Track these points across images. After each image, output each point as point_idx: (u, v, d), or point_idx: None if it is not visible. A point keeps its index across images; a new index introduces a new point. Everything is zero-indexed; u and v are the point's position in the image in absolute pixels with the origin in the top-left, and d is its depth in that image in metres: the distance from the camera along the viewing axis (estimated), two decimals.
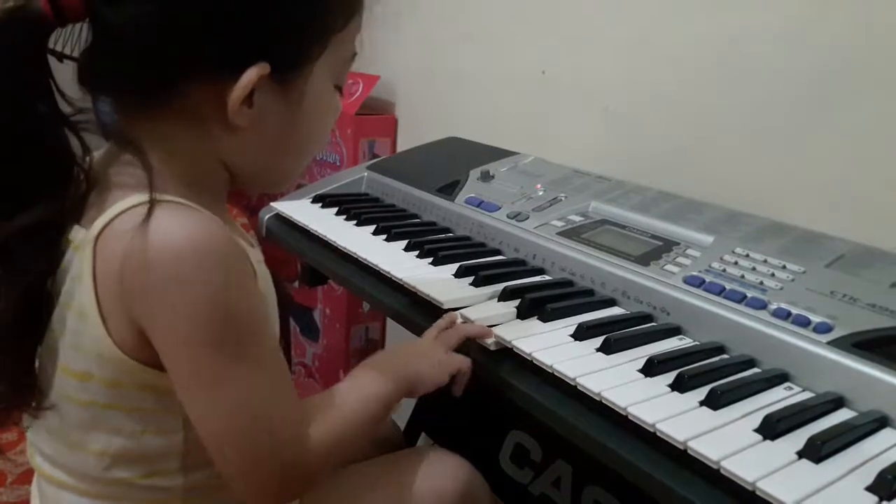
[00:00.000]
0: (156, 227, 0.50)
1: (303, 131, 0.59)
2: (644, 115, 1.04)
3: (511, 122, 1.26)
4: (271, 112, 0.56)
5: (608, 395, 0.54)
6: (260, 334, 0.54)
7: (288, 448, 0.55)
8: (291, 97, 0.56)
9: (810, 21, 0.84)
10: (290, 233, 1.00)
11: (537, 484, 1.05)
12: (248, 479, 0.55)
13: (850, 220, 0.79)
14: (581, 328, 0.65)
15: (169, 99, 0.53)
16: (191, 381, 0.52)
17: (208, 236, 0.51)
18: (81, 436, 0.56)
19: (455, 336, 0.69)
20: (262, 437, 0.53)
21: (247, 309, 0.53)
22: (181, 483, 0.58)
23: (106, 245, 0.51)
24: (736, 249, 0.74)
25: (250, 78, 0.52)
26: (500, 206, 0.93)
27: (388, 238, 0.91)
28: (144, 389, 0.54)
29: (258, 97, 0.54)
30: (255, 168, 0.60)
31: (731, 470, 0.46)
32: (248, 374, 0.53)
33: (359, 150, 1.50)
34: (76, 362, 0.54)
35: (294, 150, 0.61)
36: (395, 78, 1.53)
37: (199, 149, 0.56)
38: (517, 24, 1.24)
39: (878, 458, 0.49)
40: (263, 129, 0.56)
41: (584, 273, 0.77)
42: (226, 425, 0.53)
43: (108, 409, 0.55)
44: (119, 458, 0.56)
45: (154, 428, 0.56)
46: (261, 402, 0.53)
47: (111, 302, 0.51)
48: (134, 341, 0.52)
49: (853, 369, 0.56)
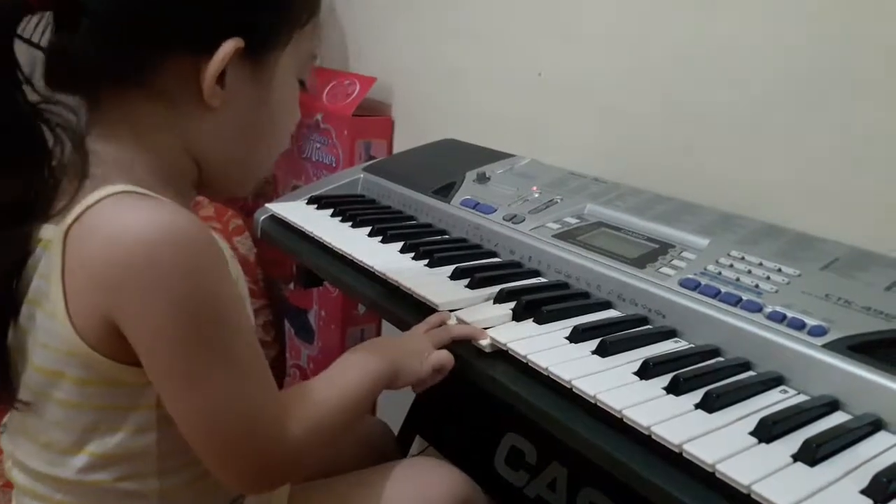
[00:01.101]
0: (124, 220, 0.50)
1: (270, 119, 0.60)
2: (640, 118, 1.04)
3: (507, 124, 1.26)
4: (241, 94, 0.56)
5: (603, 397, 0.54)
6: (236, 321, 0.54)
7: (268, 436, 0.55)
8: (261, 81, 0.57)
9: (807, 22, 0.84)
10: (286, 234, 1.00)
11: (532, 486, 1.05)
12: (230, 469, 0.55)
13: (845, 224, 0.79)
14: (576, 331, 0.65)
15: (143, 81, 0.53)
16: (169, 374, 0.52)
17: (177, 225, 0.50)
18: (55, 436, 0.56)
19: (445, 336, 0.68)
20: (242, 426, 0.53)
21: (222, 295, 0.52)
22: (157, 487, 0.57)
23: (75, 240, 0.51)
24: (731, 252, 0.74)
25: (227, 51, 0.53)
26: (496, 208, 0.93)
27: (383, 240, 0.91)
28: (114, 385, 0.54)
29: (230, 77, 0.55)
30: (221, 159, 0.60)
31: (726, 473, 0.46)
32: (225, 364, 0.52)
33: (355, 151, 1.50)
34: (47, 361, 0.54)
35: (259, 141, 0.61)
36: (392, 79, 1.53)
37: (168, 137, 0.56)
38: (514, 26, 1.24)
39: (873, 461, 0.49)
40: (233, 112, 0.57)
41: (579, 275, 0.77)
42: (205, 416, 0.52)
43: (81, 407, 0.54)
44: (94, 460, 0.55)
45: (127, 426, 0.55)
46: (240, 392, 0.53)
47: (79, 298, 0.51)
48: (103, 337, 0.51)
49: (848, 372, 0.56)
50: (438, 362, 0.67)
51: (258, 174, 0.64)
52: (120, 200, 0.51)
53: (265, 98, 0.58)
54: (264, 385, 0.55)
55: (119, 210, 0.50)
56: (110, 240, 0.49)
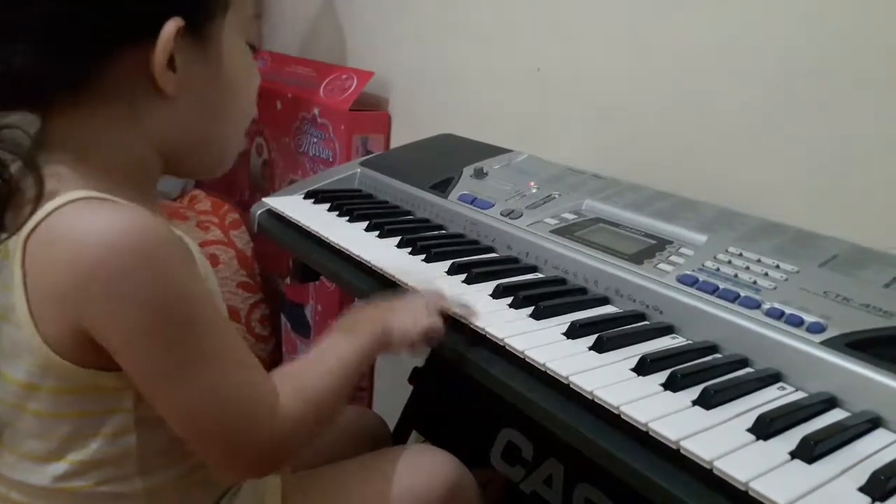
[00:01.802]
0: (85, 227, 0.49)
1: (229, 92, 0.59)
2: (639, 114, 1.03)
3: (505, 120, 1.26)
4: (194, 74, 0.55)
5: (600, 393, 0.54)
6: (208, 315, 0.53)
7: (262, 422, 0.54)
8: (210, 54, 0.56)
9: (807, 20, 0.83)
10: (282, 228, 0.99)
11: (529, 482, 1.05)
12: (226, 459, 0.54)
13: (844, 220, 0.79)
14: (574, 326, 0.65)
15: (90, 84, 0.52)
16: (152, 375, 0.51)
17: (139, 227, 0.50)
18: (34, 446, 0.55)
19: (445, 303, 0.67)
20: (235, 415, 0.53)
21: (190, 291, 0.52)
22: (142, 487, 0.56)
23: (35, 249, 0.50)
24: (729, 248, 0.74)
25: (169, 33, 0.52)
26: (494, 203, 0.92)
27: (380, 235, 0.91)
28: (88, 392, 0.53)
29: (179, 60, 0.54)
30: (190, 143, 0.59)
31: (723, 470, 0.46)
32: (204, 358, 0.52)
33: (352, 146, 1.49)
34: (18, 372, 0.53)
35: (225, 115, 0.60)
36: (389, 74, 1.53)
37: (128, 137, 0.55)
38: (512, 21, 1.24)
39: (871, 459, 0.49)
40: (191, 95, 0.56)
41: (577, 271, 0.77)
42: (196, 412, 0.52)
43: (58, 417, 0.54)
44: (73, 467, 0.54)
45: (105, 431, 0.54)
46: (227, 381, 0.53)
47: (45, 307, 0.50)
48: (74, 345, 0.50)
49: (846, 369, 0.55)
50: (430, 328, 0.65)
51: (231, 149, 0.63)
52: (79, 207, 0.50)
53: (218, 71, 0.57)
54: (247, 372, 0.55)
55: (79, 217, 0.49)
56: (72, 248, 0.48)
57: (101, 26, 0.51)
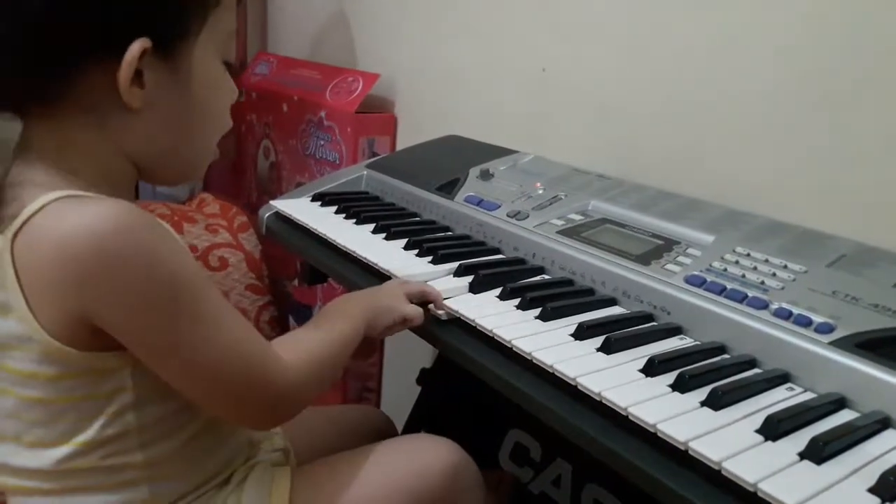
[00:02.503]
0: (72, 221, 0.51)
1: (198, 109, 0.61)
2: (644, 114, 1.03)
3: (511, 120, 1.26)
4: (162, 90, 0.57)
5: (608, 394, 0.54)
6: (206, 287, 0.56)
7: (274, 378, 0.58)
8: (179, 73, 0.58)
9: (809, 20, 0.83)
10: (290, 231, 1.00)
11: (537, 483, 1.05)
12: (244, 414, 0.60)
13: (852, 220, 0.78)
14: (581, 328, 0.65)
15: (62, 93, 0.54)
16: (161, 351, 0.54)
17: (121, 214, 0.52)
18: (38, 434, 0.56)
19: (416, 288, 0.73)
20: (243, 372, 0.56)
21: (180, 264, 0.55)
22: (142, 459, 0.58)
23: (24, 248, 0.52)
24: (737, 249, 0.73)
25: (133, 53, 0.53)
26: (500, 204, 0.93)
27: (387, 237, 0.91)
28: (89, 375, 0.55)
29: (148, 76, 0.55)
30: (158, 154, 0.61)
31: (732, 471, 0.46)
32: (211, 325, 0.55)
33: (358, 148, 1.49)
34: (18, 363, 0.54)
35: (193, 130, 0.62)
36: (395, 76, 1.53)
37: (100, 144, 0.57)
38: (517, 22, 1.24)
39: (880, 460, 0.49)
40: (158, 109, 0.58)
41: (584, 272, 0.77)
42: (206, 377, 0.55)
43: (58, 402, 0.55)
44: (77, 449, 0.56)
45: (107, 411, 0.56)
46: (235, 346, 0.56)
47: (43, 301, 0.52)
48: (73, 332, 0.53)
49: (855, 370, 0.55)
50: (409, 314, 0.71)
51: (200, 160, 0.65)
52: (63, 204, 0.52)
53: (187, 88, 0.59)
54: (246, 331, 0.58)
55: (65, 213, 0.52)
56: (62, 241, 0.50)
57: (71, 41, 0.53)
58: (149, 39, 0.54)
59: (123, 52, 0.53)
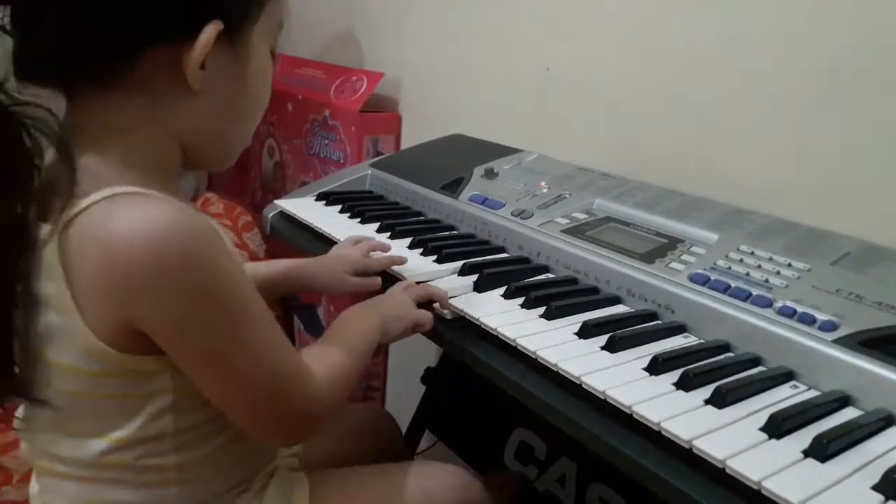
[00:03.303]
0: (122, 223, 0.50)
1: (250, 94, 0.60)
2: (649, 112, 1.03)
3: (515, 119, 1.26)
4: (221, 75, 0.56)
5: (613, 393, 0.54)
6: (251, 299, 0.55)
7: (304, 393, 0.58)
8: (239, 58, 0.58)
9: (815, 19, 0.83)
10: (295, 230, 1.00)
11: (542, 481, 1.05)
12: (275, 431, 0.60)
13: (855, 218, 0.78)
14: (585, 326, 0.65)
15: (121, 75, 0.53)
16: (200, 361, 0.54)
17: (179, 220, 0.51)
18: (76, 427, 0.57)
19: (423, 292, 0.74)
20: (279, 390, 0.56)
21: (229, 274, 0.54)
22: (175, 461, 0.59)
23: (72, 244, 0.51)
24: (741, 247, 0.73)
25: (209, 35, 0.53)
26: (504, 203, 0.93)
27: (391, 236, 0.91)
28: (130, 377, 0.55)
29: (211, 59, 0.54)
30: (207, 137, 0.60)
31: (736, 469, 0.46)
32: (249, 337, 0.54)
33: (363, 147, 1.50)
34: (61, 356, 0.54)
35: (242, 114, 0.62)
36: (399, 75, 1.53)
37: (152, 127, 0.56)
38: (521, 21, 1.24)
39: (884, 457, 0.49)
40: (213, 94, 0.57)
41: (588, 271, 0.77)
42: (244, 390, 0.55)
43: (99, 398, 0.55)
44: (115, 444, 0.57)
45: (145, 412, 0.56)
46: (271, 361, 0.56)
47: (89, 298, 0.51)
48: (117, 333, 0.52)
49: (859, 368, 0.55)
50: (420, 319, 0.72)
51: (239, 146, 0.65)
52: (116, 203, 0.51)
53: (243, 73, 0.59)
54: (285, 346, 0.58)
55: (114, 213, 0.50)
56: (114, 244, 0.49)
57: (139, 22, 0.52)
58: (221, 23, 0.53)
59: (193, 34, 0.52)
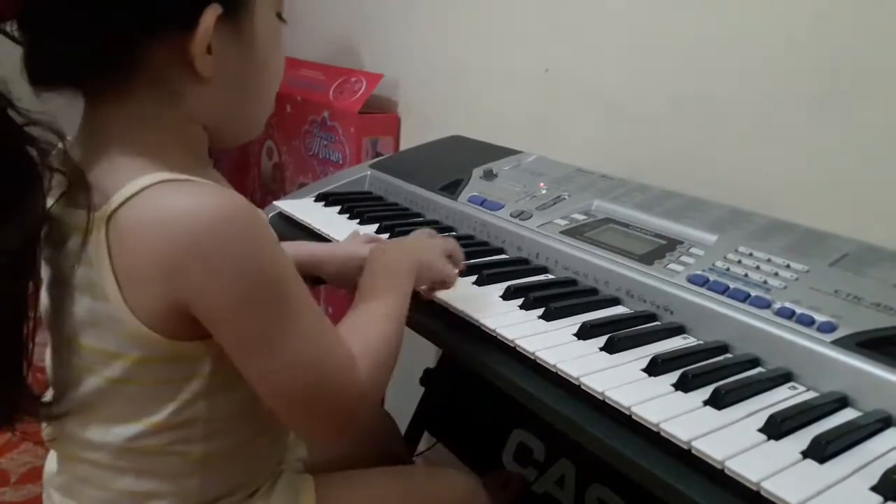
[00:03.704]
0: (175, 207, 0.51)
1: (262, 66, 0.60)
2: (647, 114, 1.04)
3: (514, 121, 1.26)
4: (229, 53, 0.56)
5: (612, 394, 0.54)
6: (296, 285, 0.55)
7: (347, 384, 0.57)
8: (244, 35, 0.58)
9: (816, 18, 0.83)
10: (294, 231, 1.00)
11: (541, 483, 1.05)
12: (318, 421, 0.58)
13: (854, 219, 0.78)
14: (584, 327, 0.65)
15: (131, 71, 0.54)
16: (248, 343, 0.54)
17: (228, 205, 0.52)
18: (110, 411, 0.57)
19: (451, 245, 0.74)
20: (324, 382, 0.56)
21: (281, 265, 0.54)
22: (202, 449, 0.59)
23: (122, 230, 0.51)
24: (740, 248, 0.74)
25: (208, 24, 0.53)
26: (504, 204, 0.93)
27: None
28: (171, 361, 0.55)
29: (215, 42, 0.54)
30: (229, 115, 0.60)
31: (735, 470, 0.46)
32: (296, 326, 0.54)
33: (362, 148, 1.50)
34: (101, 342, 0.55)
35: (259, 86, 0.62)
36: (398, 76, 1.53)
37: (175, 117, 0.57)
38: (520, 22, 1.24)
39: (883, 458, 0.49)
40: (226, 73, 0.57)
41: (587, 272, 0.77)
42: (288, 381, 0.55)
43: (136, 384, 0.56)
44: (146, 429, 0.57)
45: (180, 397, 0.56)
46: (314, 349, 0.55)
47: (138, 285, 0.52)
48: (167, 318, 0.53)
49: (858, 369, 0.55)
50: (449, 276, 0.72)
51: (263, 114, 0.65)
52: (163, 190, 0.52)
53: (251, 48, 0.59)
54: (330, 332, 0.57)
55: (165, 199, 0.51)
56: (166, 228, 0.50)
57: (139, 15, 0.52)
58: (219, 6, 0.53)
59: (194, 22, 0.53)
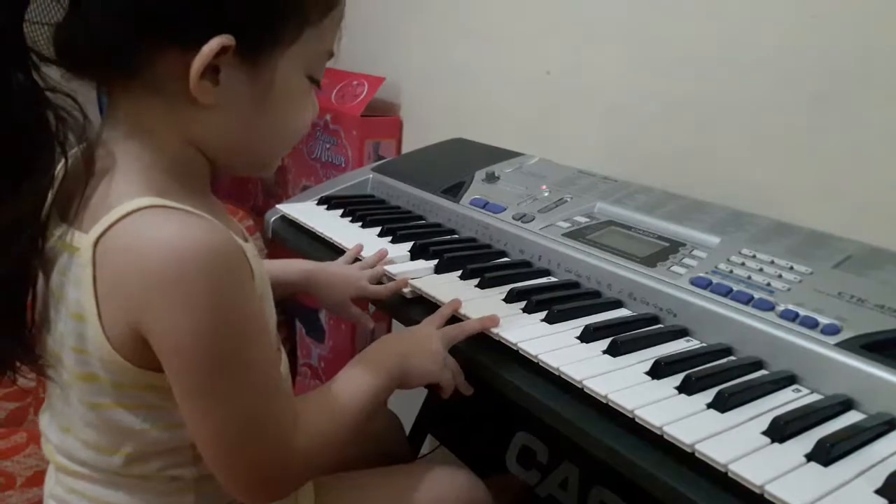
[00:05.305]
0: (155, 237, 0.50)
1: (274, 118, 0.59)
2: (649, 116, 1.03)
3: (516, 123, 1.26)
4: (238, 92, 0.55)
5: (615, 397, 0.54)
6: (256, 339, 0.54)
7: (275, 453, 0.56)
8: (260, 80, 0.56)
9: (815, 22, 0.83)
10: (296, 235, 1.00)
11: (544, 485, 1.05)
12: (234, 480, 0.56)
13: (857, 221, 0.78)
14: (588, 330, 0.65)
15: (138, 70, 0.53)
16: (185, 387, 0.53)
17: (206, 242, 0.51)
18: (94, 435, 0.57)
19: (459, 334, 0.68)
20: (250, 443, 0.54)
21: (245, 316, 0.53)
22: (194, 473, 0.59)
23: (107, 254, 0.51)
24: (743, 250, 0.73)
25: (211, 47, 0.52)
26: (506, 207, 0.93)
27: (393, 240, 0.91)
28: (146, 389, 0.55)
29: (224, 75, 0.54)
30: (227, 151, 0.59)
31: (738, 473, 0.46)
32: (245, 382, 0.53)
33: (364, 151, 1.50)
34: (80, 364, 0.55)
35: (265, 136, 0.60)
36: (400, 79, 1.53)
37: (171, 131, 0.56)
38: (522, 25, 1.24)
39: (887, 461, 0.49)
40: (230, 110, 0.56)
41: (590, 274, 0.77)
42: (215, 432, 0.54)
43: (116, 407, 0.56)
44: (133, 457, 0.57)
45: (161, 423, 0.56)
46: (251, 409, 0.54)
47: (112, 310, 0.52)
48: (135, 348, 0.52)
49: (862, 371, 0.55)
50: (444, 382, 0.70)
51: (271, 161, 0.64)
52: (150, 216, 0.51)
53: (265, 96, 0.57)
54: (278, 400, 0.56)
55: (149, 226, 0.51)
56: (141, 256, 0.50)
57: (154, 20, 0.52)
58: (233, 38, 0.52)
59: (196, 43, 0.52)
